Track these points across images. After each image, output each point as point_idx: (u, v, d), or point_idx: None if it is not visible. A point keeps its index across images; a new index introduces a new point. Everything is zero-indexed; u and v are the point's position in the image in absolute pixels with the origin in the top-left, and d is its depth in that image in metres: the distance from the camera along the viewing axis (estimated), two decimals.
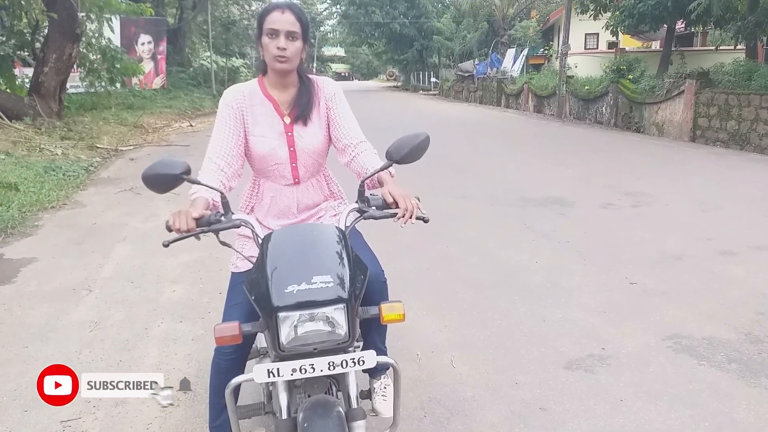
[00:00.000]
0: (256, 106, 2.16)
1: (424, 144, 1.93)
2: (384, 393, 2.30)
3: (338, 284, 1.60)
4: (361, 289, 1.69)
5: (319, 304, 1.58)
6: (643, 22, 15.47)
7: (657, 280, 4.33)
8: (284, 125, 2.16)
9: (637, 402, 2.74)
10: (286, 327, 1.59)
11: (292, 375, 1.61)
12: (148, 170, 1.79)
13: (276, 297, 1.58)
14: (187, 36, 29.70)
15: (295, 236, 1.79)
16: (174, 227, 1.78)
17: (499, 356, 3.23)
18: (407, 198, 1.88)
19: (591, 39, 26.06)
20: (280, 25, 2.02)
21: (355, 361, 1.64)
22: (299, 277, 1.59)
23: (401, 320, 1.74)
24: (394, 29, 41.30)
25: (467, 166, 9.65)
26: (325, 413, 1.65)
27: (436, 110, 23.99)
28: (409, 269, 4.60)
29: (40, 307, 4.04)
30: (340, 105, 2.23)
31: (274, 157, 2.16)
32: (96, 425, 2.66)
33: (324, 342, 1.62)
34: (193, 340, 3.46)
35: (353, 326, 1.64)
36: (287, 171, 2.19)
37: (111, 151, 11.51)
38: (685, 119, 12.92)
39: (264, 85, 2.19)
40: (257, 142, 2.15)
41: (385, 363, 1.78)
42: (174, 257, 4.93)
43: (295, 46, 2.05)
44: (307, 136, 2.18)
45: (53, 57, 12.82)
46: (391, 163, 1.95)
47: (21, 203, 6.63)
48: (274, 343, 1.61)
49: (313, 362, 1.61)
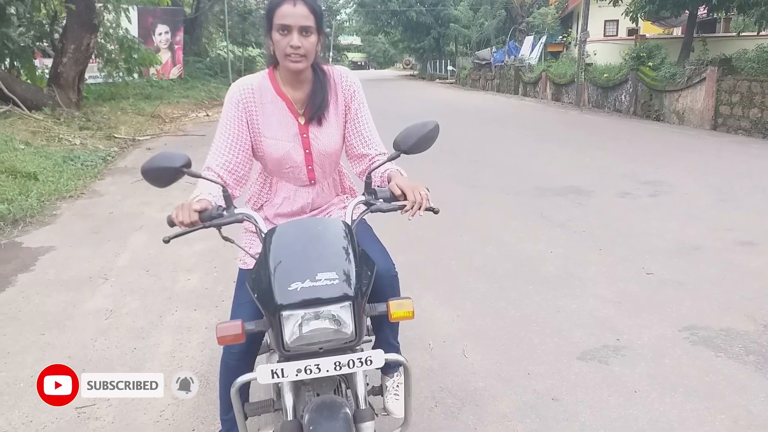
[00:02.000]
0: (267, 105, 2.01)
1: (433, 133, 1.84)
2: (396, 392, 2.23)
3: (344, 281, 1.54)
4: (368, 285, 1.63)
5: (325, 302, 1.52)
6: (664, 8, 15.18)
7: (674, 270, 4.27)
8: (299, 126, 2.02)
9: (652, 393, 2.71)
10: (290, 326, 1.53)
11: (297, 376, 1.56)
12: (148, 164, 1.73)
13: (279, 295, 1.52)
14: (203, 26, 29.74)
15: (299, 231, 1.71)
16: (177, 220, 1.72)
17: (512, 346, 3.20)
18: (415, 189, 1.80)
19: (610, 26, 25.65)
20: (292, 20, 1.84)
21: (362, 360, 1.58)
22: (303, 274, 1.53)
23: (410, 317, 1.67)
24: (410, 17, 41.01)
25: (483, 155, 9.58)
26: (332, 415, 1.61)
27: (453, 99, 23.83)
28: (422, 259, 4.58)
29: (57, 295, 4.09)
30: (361, 106, 2.09)
31: (289, 161, 2.03)
32: (110, 412, 2.69)
33: (330, 341, 1.57)
34: (207, 329, 3.48)
35: (360, 324, 1.59)
36: (303, 173, 2.07)
37: (128, 141, 11.60)
38: (706, 107, 12.68)
39: (275, 80, 2.02)
40: (270, 145, 2.01)
41: (395, 361, 1.71)
42: (189, 246, 4.96)
43: (310, 41, 1.88)
44: (324, 137, 2.04)
45: (71, 47, 12.92)
46: (399, 154, 1.85)
47: (40, 192, 6.72)
48: (278, 342, 1.56)
49: (319, 362, 1.56)
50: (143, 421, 2.63)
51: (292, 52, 1.87)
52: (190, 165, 1.74)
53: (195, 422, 2.60)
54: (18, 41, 13.42)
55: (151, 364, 3.11)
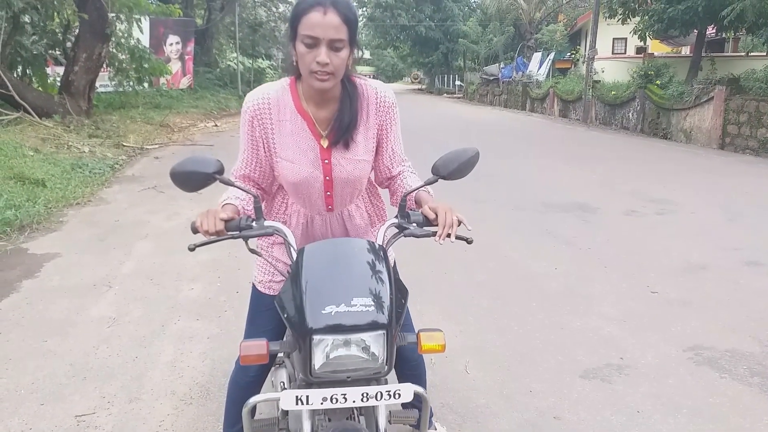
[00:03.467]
0: (285, 123, 1.76)
1: (473, 160, 1.75)
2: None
3: (379, 308, 1.45)
4: (402, 314, 1.54)
5: (358, 329, 1.44)
6: (673, 27, 15.22)
7: (680, 289, 4.24)
8: (320, 149, 1.77)
9: (655, 414, 2.68)
10: (320, 351, 1.44)
11: (321, 404, 1.46)
12: (178, 167, 1.63)
13: (311, 318, 1.43)
14: (214, 37, 30.01)
15: (332, 251, 1.60)
16: (201, 229, 1.62)
17: (515, 363, 3.18)
18: (449, 211, 1.68)
19: (619, 44, 25.72)
20: (322, 32, 1.57)
21: (390, 393, 1.47)
22: (338, 298, 1.45)
23: (441, 351, 1.57)
24: (419, 32, 41.31)
25: (489, 170, 9.56)
26: None
27: (460, 113, 23.89)
28: (426, 273, 4.56)
29: (60, 301, 4.10)
30: (395, 127, 1.87)
31: (305, 187, 1.81)
32: (109, 421, 2.69)
33: (358, 370, 1.48)
34: (209, 339, 3.48)
35: (391, 354, 1.49)
36: (320, 200, 1.85)
37: (137, 150, 11.67)
38: (714, 126, 12.67)
39: (297, 94, 1.77)
40: (285, 168, 1.78)
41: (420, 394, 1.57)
42: (193, 256, 4.93)
43: (340, 57, 1.62)
44: (349, 164, 1.79)
45: (83, 56, 13.06)
46: (437, 179, 1.74)
47: (47, 199, 6.75)
48: (305, 367, 1.46)
49: (346, 392, 1.46)
50: (143, 430, 2.62)
51: (319, 69, 1.61)
52: (222, 171, 1.62)
53: None
54: (31, 49, 13.59)
55: (153, 373, 3.10)
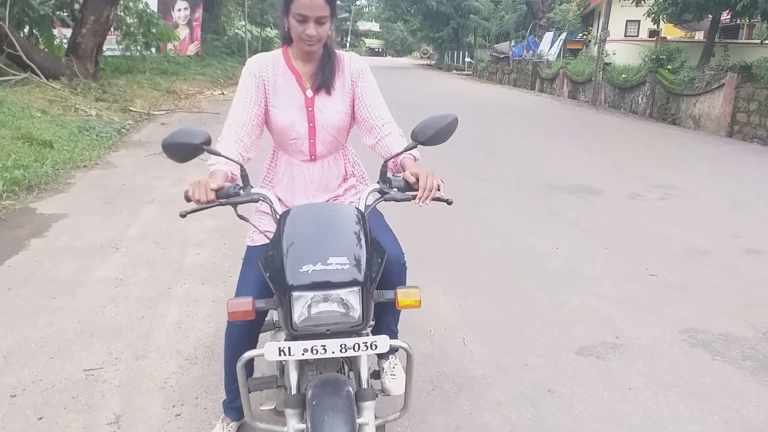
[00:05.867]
0: (278, 77, 2.12)
1: (451, 126, 1.86)
2: (393, 372, 2.30)
3: (354, 266, 1.59)
4: (377, 272, 1.67)
5: (334, 285, 1.57)
6: (687, 11, 15.02)
7: (679, 273, 4.29)
8: (305, 99, 2.12)
9: (647, 391, 2.75)
10: (300, 306, 1.58)
11: (303, 355, 1.60)
12: (169, 138, 1.77)
13: (291, 276, 1.56)
14: (223, 4, 29.72)
15: (313, 215, 1.76)
16: (193, 198, 1.76)
17: (512, 338, 3.25)
18: (429, 176, 1.80)
19: (632, 26, 25.43)
20: (309, 12, 1.93)
21: (367, 344, 1.62)
22: (315, 258, 1.58)
23: (417, 306, 1.72)
24: (430, 6, 40.74)
25: (495, 149, 9.58)
26: (335, 391, 1.64)
27: (469, 90, 23.75)
28: (428, 249, 4.62)
29: (68, 261, 4.17)
30: (368, 83, 2.17)
31: (293, 131, 2.13)
32: (117, 376, 2.77)
33: (337, 324, 1.61)
34: (213, 302, 3.55)
35: (367, 310, 1.63)
36: (305, 146, 2.16)
37: (143, 115, 11.67)
38: (723, 113, 12.59)
39: (288, 55, 2.14)
40: (277, 114, 2.12)
41: (398, 347, 1.74)
42: (199, 222, 5.03)
43: (324, 29, 1.99)
44: (328, 111, 2.13)
45: (91, 19, 12.98)
46: (416, 144, 1.88)
47: (55, 161, 6.80)
48: (286, 321, 1.61)
49: (325, 343, 1.59)
50: (149, 386, 2.70)
51: (307, 38, 1.98)
52: (210, 142, 1.77)
53: (199, 391, 2.66)
54: (38, 10, 13.50)
55: (158, 333, 3.18)
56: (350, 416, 1.59)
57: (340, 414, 1.57)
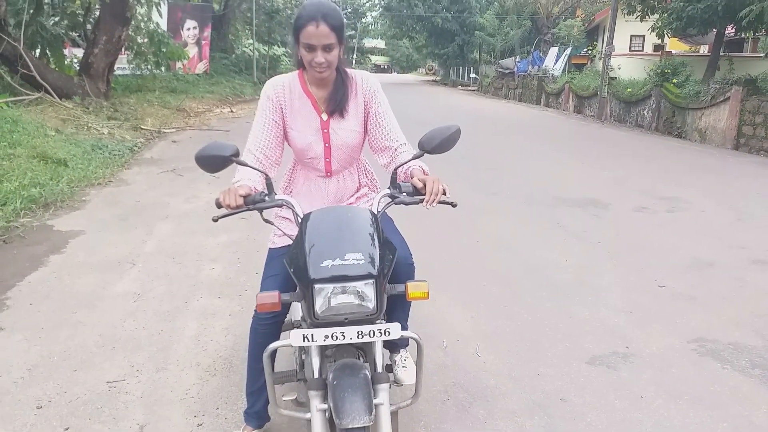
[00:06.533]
0: (295, 101, 2.25)
1: (455, 136, 2.04)
2: (404, 364, 2.43)
3: (369, 262, 1.76)
4: (389, 267, 1.84)
5: (351, 278, 1.74)
6: (692, 26, 15.14)
7: (687, 285, 4.34)
8: (321, 122, 2.25)
9: (657, 399, 2.80)
10: (321, 298, 1.75)
11: (324, 341, 1.76)
12: (201, 152, 1.96)
13: (313, 270, 1.74)
14: (231, 23, 30.08)
15: (331, 216, 1.93)
16: (224, 203, 1.95)
17: (524, 348, 3.31)
18: (436, 181, 1.99)
19: (636, 41, 25.55)
20: (316, 41, 2.04)
21: (381, 331, 1.79)
22: (334, 254, 1.75)
23: (425, 298, 1.88)
24: (435, 23, 41.18)
25: (502, 164, 9.67)
26: (353, 373, 1.79)
27: (474, 106, 23.91)
28: (438, 261, 4.69)
29: (87, 276, 4.27)
30: (381, 104, 2.29)
31: (310, 152, 2.27)
32: (139, 387, 2.84)
33: (354, 313, 1.78)
34: (231, 315, 3.63)
35: (381, 300, 1.80)
36: (321, 165, 2.30)
37: (154, 133, 11.85)
38: (729, 127, 12.66)
39: (303, 80, 2.26)
40: (295, 136, 2.26)
41: (409, 337, 1.89)
42: (213, 237, 5.13)
43: (333, 55, 2.09)
44: (343, 132, 2.26)
45: (103, 39, 13.22)
46: (423, 153, 2.05)
47: (70, 178, 6.93)
48: (309, 311, 1.78)
49: (344, 330, 1.76)
50: (170, 398, 2.77)
51: (317, 66, 2.10)
52: (238, 154, 1.97)
53: (219, 401, 2.73)
54: (51, 30, 13.77)
55: (177, 345, 3.26)
56: (367, 395, 1.74)
57: (359, 392, 1.72)
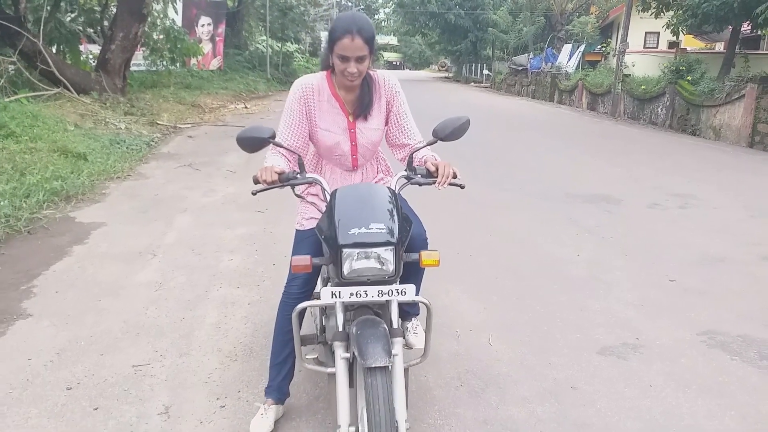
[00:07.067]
0: (323, 103, 2.42)
1: (465, 125, 2.30)
2: (415, 331, 2.67)
3: (389, 231, 2.00)
4: (406, 237, 2.09)
5: (374, 245, 1.98)
6: (707, 23, 15.06)
7: (697, 279, 4.39)
8: (348, 122, 2.45)
9: (666, 389, 2.87)
10: (348, 261, 1.99)
11: (350, 297, 2.01)
12: (242, 133, 2.24)
13: (341, 237, 1.98)
14: (244, 19, 30.27)
15: (356, 192, 2.17)
16: (261, 178, 2.19)
17: (536, 339, 3.38)
18: (447, 165, 2.25)
19: (651, 38, 25.43)
20: (351, 53, 2.22)
21: (398, 291, 2.05)
22: (360, 223, 1.99)
23: (436, 265, 2.14)
24: (448, 20, 41.14)
25: (515, 160, 9.71)
26: (374, 325, 2.03)
27: (488, 103, 23.91)
28: (452, 255, 4.76)
29: (109, 266, 4.39)
30: (402, 104, 2.51)
31: (338, 150, 2.47)
32: (163, 371, 2.96)
33: (375, 275, 2.02)
34: (250, 305, 3.74)
35: (399, 265, 2.03)
36: (348, 161, 2.51)
37: (170, 128, 12.00)
38: (744, 124, 12.60)
39: (332, 83, 2.43)
40: (323, 135, 2.44)
41: (420, 301, 2.13)
42: (231, 230, 5.24)
43: (364, 65, 2.28)
44: (368, 132, 2.47)
45: (120, 35, 13.40)
46: (436, 140, 2.30)
47: (90, 172, 7.07)
48: (337, 272, 2.02)
49: (366, 289, 2.02)
50: (193, 381, 2.88)
51: (349, 75, 2.28)
52: (274, 136, 2.24)
53: (240, 385, 2.84)
54: (69, 27, 13.97)
55: (199, 332, 3.37)
56: (386, 342, 1.97)
57: (379, 341, 1.96)
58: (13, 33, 11.43)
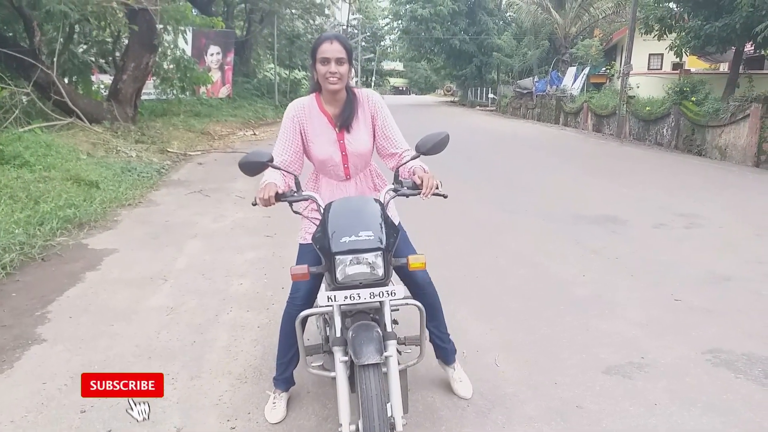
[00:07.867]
0: (314, 119, 2.68)
1: (444, 140, 2.47)
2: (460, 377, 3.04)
3: (377, 238, 2.21)
4: (393, 243, 2.29)
5: (364, 251, 2.19)
6: (710, 44, 15.20)
7: (703, 298, 4.42)
8: (336, 134, 2.68)
9: (672, 407, 2.89)
10: (341, 267, 2.20)
11: (344, 300, 2.23)
12: (244, 158, 2.42)
13: (334, 245, 2.19)
14: (253, 48, 30.82)
15: (347, 205, 2.39)
16: (260, 196, 2.39)
17: (542, 359, 3.42)
18: (431, 177, 2.43)
19: (655, 59, 25.64)
20: (331, 54, 2.51)
21: (389, 292, 2.26)
22: (350, 232, 2.20)
23: (423, 268, 2.37)
24: (453, 45, 41.60)
25: (521, 182, 9.79)
26: (368, 329, 2.24)
27: (493, 126, 24.08)
28: (458, 277, 4.82)
29: (122, 292, 4.48)
30: (386, 117, 2.74)
31: (330, 161, 2.69)
32: (175, 394, 3.01)
33: (367, 279, 2.23)
34: (259, 327, 3.80)
35: (388, 269, 2.25)
36: (341, 170, 2.72)
37: (180, 156, 12.20)
38: (749, 144, 12.64)
39: (320, 101, 2.70)
40: (316, 149, 2.68)
41: (413, 304, 2.38)
42: (241, 254, 5.32)
43: (344, 68, 2.55)
44: (356, 141, 2.69)
45: (132, 66, 13.70)
46: (419, 155, 2.50)
47: (102, 200, 7.21)
48: (332, 278, 2.24)
49: (359, 292, 2.23)
50: (204, 403, 2.94)
51: (330, 76, 2.53)
52: (273, 160, 2.45)
53: (250, 407, 2.89)
54: (80, 58, 14.29)
55: (210, 355, 3.43)
56: (379, 344, 2.19)
57: (372, 342, 2.18)
58: (28, 65, 11.71)
